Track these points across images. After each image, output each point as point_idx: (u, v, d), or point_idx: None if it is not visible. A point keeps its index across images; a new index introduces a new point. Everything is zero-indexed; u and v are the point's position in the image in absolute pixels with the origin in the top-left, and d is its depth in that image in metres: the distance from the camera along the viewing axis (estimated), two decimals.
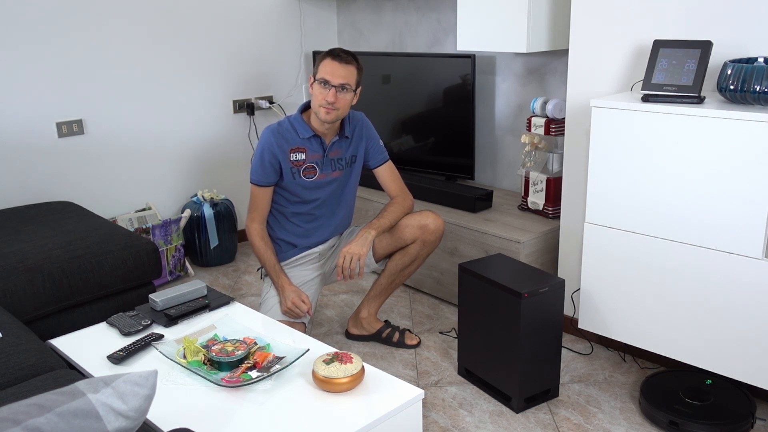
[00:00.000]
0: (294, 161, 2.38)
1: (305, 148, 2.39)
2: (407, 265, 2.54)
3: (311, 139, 2.39)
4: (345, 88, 2.29)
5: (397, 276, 2.58)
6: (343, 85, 2.28)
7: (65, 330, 2.08)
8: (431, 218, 2.47)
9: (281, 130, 2.38)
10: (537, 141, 2.81)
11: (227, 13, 3.56)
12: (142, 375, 1.08)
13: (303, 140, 2.38)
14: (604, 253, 2.22)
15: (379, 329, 2.67)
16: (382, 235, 2.50)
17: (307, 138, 2.38)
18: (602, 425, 2.15)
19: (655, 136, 2.00)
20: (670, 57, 2.02)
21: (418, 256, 2.52)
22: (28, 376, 1.66)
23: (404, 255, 2.52)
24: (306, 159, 2.39)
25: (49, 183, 3.10)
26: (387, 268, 2.58)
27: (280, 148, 2.36)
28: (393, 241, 2.51)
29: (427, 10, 3.49)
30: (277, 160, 2.36)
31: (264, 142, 2.36)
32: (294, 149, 2.38)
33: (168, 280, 3.31)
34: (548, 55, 3.00)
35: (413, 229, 2.47)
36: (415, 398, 1.63)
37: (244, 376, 1.67)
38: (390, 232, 2.50)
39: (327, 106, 2.28)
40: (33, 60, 2.96)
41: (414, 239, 2.48)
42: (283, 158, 2.37)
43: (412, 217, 2.49)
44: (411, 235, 2.48)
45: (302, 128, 2.38)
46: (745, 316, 1.94)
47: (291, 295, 2.36)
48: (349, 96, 2.33)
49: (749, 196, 1.86)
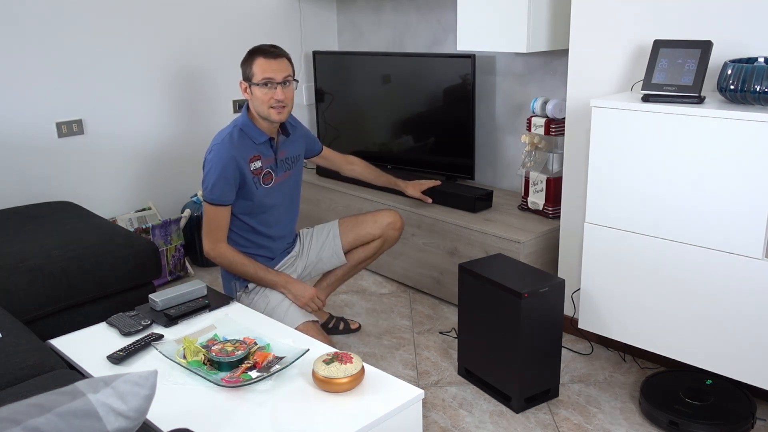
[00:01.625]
0: (254, 170, 2.28)
1: (260, 155, 2.30)
2: (367, 257, 2.64)
3: (264, 144, 2.31)
4: (287, 81, 2.24)
5: (354, 268, 2.67)
6: (286, 79, 2.23)
7: (65, 330, 2.08)
8: (396, 216, 2.61)
9: (235, 141, 2.24)
10: (537, 141, 2.81)
11: (227, 13, 3.56)
12: (142, 375, 1.08)
13: (257, 146, 2.29)
14: (604, 253, 2.22)
15: (325, 321, 2.76)
16: (349, 231, 2.59)
17: (262, 143, 2.30)
18: (602, 425, 2.15)
19: (655, 136, 2.00)
20: (670, 57, 2.02)
21: (380, 250, 2.64)
22: (28, 376, 1.66)
23: (367, 249, 2.61)
24: (263, 166, 2.31)
25: (49, 183, 3.10)
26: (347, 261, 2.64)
27: (243, 159, 2.24)
28: (360, 236, 2.59)
29: (427, 10, 3.49)
30: (241, 173, 2.24)
31: (224, 158, 2.21)
32: (252, 158, 2.27)
33: (168, 280, 3.31)
34: (548, 55, 3.00)
35: (380, 225, 2.58)
36: (415, 398, 1.63)
37: (244, 376, 1.67)
38: (356, 227, 2.59)
39: (277, 105, 2.22)
40: (33, 60, 2.96)
41: (380, 235, 2.59)
42: (246, 169, 2.25)
43: (378, 214, 2.61)
44: (378, 230, 2.58)
45: (256, 133, 2.28)
46: (745, 316, 1.94)
47: (304, 287, 2.33)
48: (293, 88, 2.28)
49: (749, 196, 1.86)
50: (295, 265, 2.55)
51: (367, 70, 3.53)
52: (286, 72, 2.25)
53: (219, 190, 2.23)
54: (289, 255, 2.53)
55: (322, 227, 2.63)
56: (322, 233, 2.60)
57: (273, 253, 2.46)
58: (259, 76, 2.22)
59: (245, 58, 2.27)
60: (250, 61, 2.25)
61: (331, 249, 2.57)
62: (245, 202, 2.31)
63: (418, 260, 3.08)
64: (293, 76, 2.29)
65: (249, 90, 2.26)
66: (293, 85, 2.28)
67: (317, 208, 3.58)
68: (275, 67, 2.22)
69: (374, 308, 3.01)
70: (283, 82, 2.23)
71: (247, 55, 2.27)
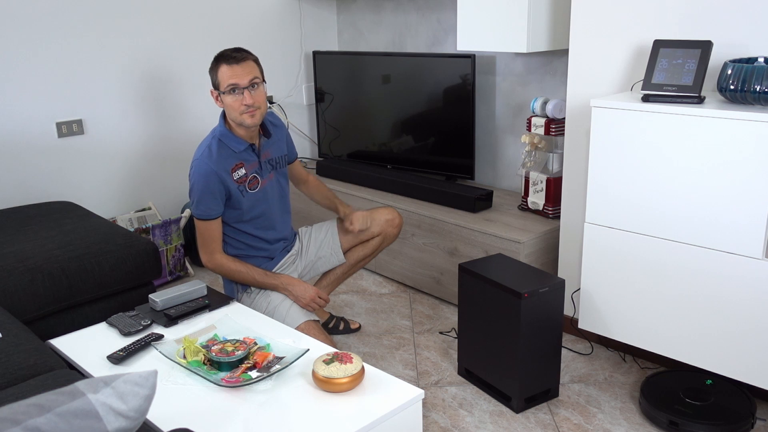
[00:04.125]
0: (237, 179, 2.26)
1: (242, 162, 2.28)
2: (367, 255, 2.65)
3: (245, 151, 2.28)
4: (254, 84, 2.20)
5: (354, 267, 2.67)
6: (252, 82, 2.19)
7: (65, 330, 2.08)
8: (394, 213, 2.62)
9: (213, 154, 2.22)
10: (537, 141, 2.81)
11: (227, 13, 3.56)
12: (142, 375, 1.08)
13: (238, 154, 2.26)
14: (604, 253, 2.22)
15: (326, 320, 2.76)
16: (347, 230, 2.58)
17: (243, 150, 2.27)
18: (602, 425, 2.15)
19: (655, 136, 2.00)
20: (670, 57, 2.02)
21: (379, 247, 2.65)
22: (27, 376, 1.66)
23: (366, 247, 2.62)
24: (247, 172, 2.29)
25: (49, 183, 3.10)
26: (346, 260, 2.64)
27: (224, 171, 2.23)
28: (359, 235, 2.59)
29: (427, 10, 3.49)
30: (224, 185, 2.23)
31: (205, 173, 2.20)
32: (234, 168, 2.26)
33: (168, 280, 3.31)
34: (548, 55, 3.00)
35: (378, 223, 2.59)
36: (415, 398, 1.63)
37: (244, 376, 1.67)
38: None
39: (248, 110, 2.18)
40: (33, 60, 2.96)
41: (379, 233, 2.60)
42: (228, 180, 2.24)
43: (378, 212, 2.61)
44: (377, 228, 2.59)
45: (235, 142, 2.26)
46: (745, 316, 1.94)
47: (305, 287, 2.33)
48: (262, 89, 2.23)
49: (749, 196, 1.86)
50: (296, 264, 2.55)
51: (367, 70, 3.53)
52: (252, 75, 2.19)
53: (204, 206, 2.23)
54: (289, 254, 2.52)
55: (320, 225, 2.63)
56: (321, 232, 2.60)
57: (272, 254, 2.46)
58: (225, 83, 2.18)
59: (211, 66, 2.23)
60: (215, 69, 2.21)
61: (329, 247, 2.58)
62: (235, 211, 2.31)
63: (418, 260, 3.08)
64: (261, 77, 2.24)
65: (219, 98, 2.23)
66: (262, 87, 2.23)
67: (316, 208, 3.58)
68: (239, 72, 2.17)
69: (374, 308, 3.02)
70: (251, 86, 2.18)
71: (212, 62, 2.23)
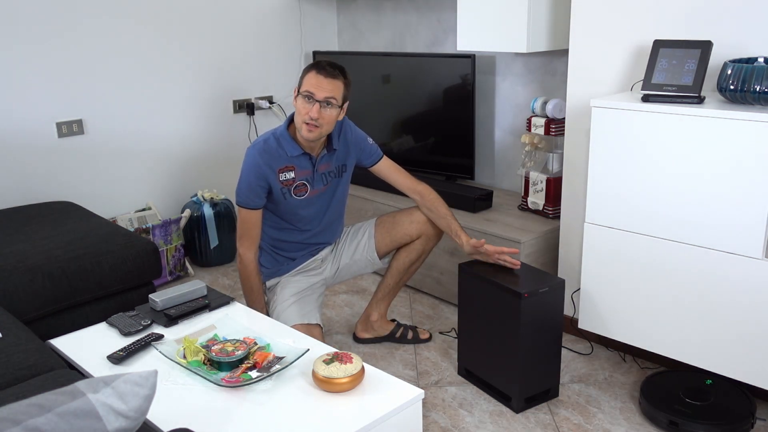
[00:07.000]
0: (283, 181, 2.26)
1: (294, 166, 2.26)
2: (414, 261, 2.52)
3: (300, 157, 2.27)
4: (330, 103, 2.14)
5: (404, 274, 2.56)
6: (327, 99, 2.14)
7: (65, 330, 2.08)
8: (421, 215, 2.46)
9: (267, 148, 2.23)
10: (537, 141, 2.81)
11: (227, 13, 3.56)
12: (142, 375, 1.08)
13: (291, 158, 2.26)
14: (604, 253, 2.22)
15: (392, 330, 2.67)
16: (386, 232, 2.48)
17: (295, 156, 2.26)
18: (602, 425, 2.15)
19: (655, 136, 2.00)
20: (670, 57, 2.02)
21: (424, 251, 2.51)
22: (27, 376, 1.66)
23: (410, 252, 2.50)
24: (296, 177, 2.27)
25: (49, 183, 3.10)
26: (393, 267, 2.55)
27: (270, 168, 2.23)
28: (397, 238, 2.48)
29: (427, 10, 3.49)
30: (267, 182, 2.24)
31: (251, 164, 2.22)
32: (282, 169, 2.25)
33: (168, 280, 3.31)
34: (548, 55, 3.00)
35: (418, 224, 2.45)
36: (415, 398, 1.63)
37: (244, 376, 1.67)
38: (392, 229, 2.48)
39: (310, 122, 2.14)
40: (33, 60, 2.96)
41: (419, 234, 2.46)
42: (273, 179, 2.24)
43: (414, 213, 2.47)
44: (416, 230, 2.45)
45: (290, 146, 2.24)
46: (745, 316, 1.94)
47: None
48: (334, 112, 2.17)
49: (749, 196, 1.86)
50: (323, 268, 2.49)
51: (367, 70, 3.53)
52: (331, 93, 2.14)
53: (244, 195, 2.26)
54: (313, 258, 2.46)
55: (359, 227, 2.55)
56: (358, 234, 2.53)
57: (295, 256, 2.44)
58: (305, 87, 2.16)
59: (306, 67, 2.22)
60: (306, 71, 2.19)
61: (364, 251, 2.50)
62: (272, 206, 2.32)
63: None
64: (340, 102, 2.18)
65: (295, 98, 2.21)
66: (335, 110, 2.18)
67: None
68: (323, 84, 2.13)
69: None
70: (325, 102, 2.14)
71: (309, 64, 2.22)
